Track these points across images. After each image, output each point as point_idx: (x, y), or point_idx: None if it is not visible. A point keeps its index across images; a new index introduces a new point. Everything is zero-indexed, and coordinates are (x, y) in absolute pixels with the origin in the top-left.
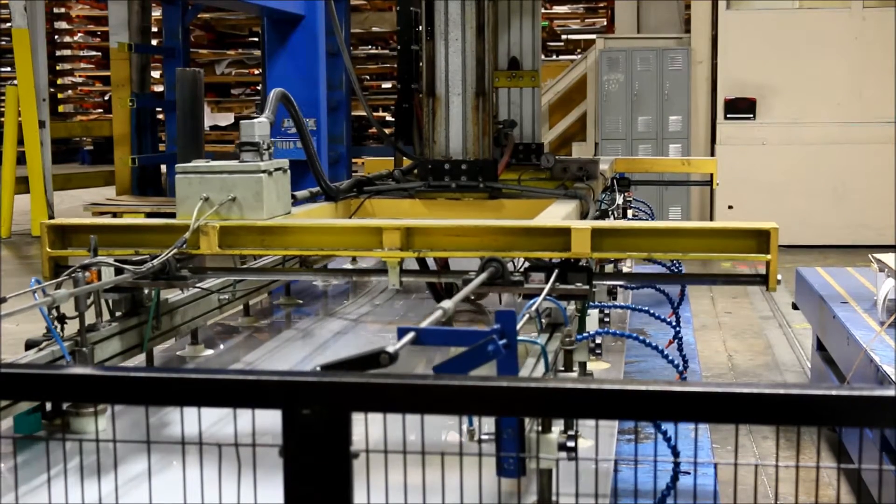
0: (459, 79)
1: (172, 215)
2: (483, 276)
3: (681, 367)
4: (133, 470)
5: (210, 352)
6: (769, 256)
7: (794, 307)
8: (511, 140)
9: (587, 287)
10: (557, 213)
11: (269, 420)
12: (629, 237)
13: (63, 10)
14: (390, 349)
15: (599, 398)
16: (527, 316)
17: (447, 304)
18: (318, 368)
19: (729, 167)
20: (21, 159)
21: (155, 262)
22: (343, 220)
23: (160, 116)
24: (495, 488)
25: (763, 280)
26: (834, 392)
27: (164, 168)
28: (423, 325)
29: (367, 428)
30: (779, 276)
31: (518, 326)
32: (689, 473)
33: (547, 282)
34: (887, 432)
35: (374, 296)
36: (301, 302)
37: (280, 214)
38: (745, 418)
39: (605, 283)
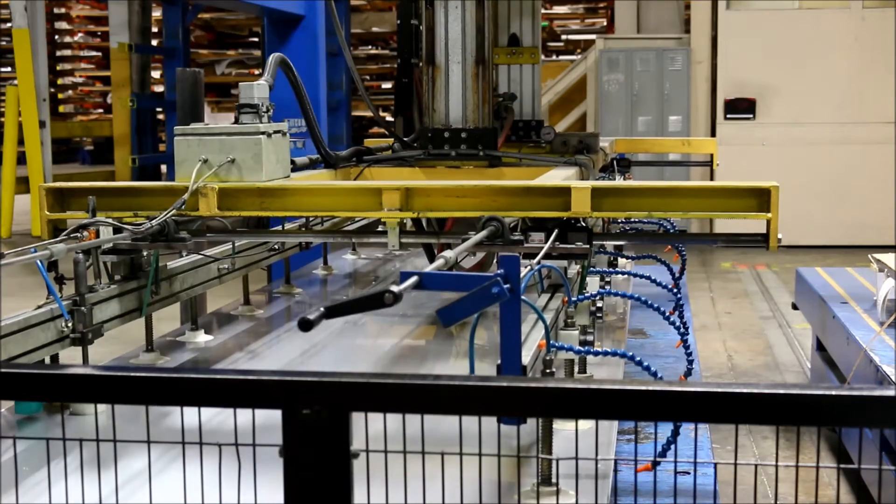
0: (459, 47)
1: None
2: (483, 233)
3: (684, 334)
4: (132, 468)
5: (210, 337)
6: (769, 215)
7: (794, 307)
8: (511, 113)
9: (587, 246)
10: (558, 177)
11: (269, 414)
12: (629, 197)
13: (63, 10)
14: (394, 288)
15: (599, 398)
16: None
17: (449, 253)
18: (323, 310)
19: (729, 167)
20: (21, 159)
21: (154, 222)
22: (343, 182)
23: (160, 116)
24: (496, 489)
25: (764, 240)
26: (834, 392)
27: (164, 168)
28: (427, 270)
29: (367, 428)
30: (779, 236)
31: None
32: (688, 473)
33: (547, 241)
34: (887, 432)
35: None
36: (301, 291)
37: (279, 178)
38: (745, 418)
39: (605, 242)
